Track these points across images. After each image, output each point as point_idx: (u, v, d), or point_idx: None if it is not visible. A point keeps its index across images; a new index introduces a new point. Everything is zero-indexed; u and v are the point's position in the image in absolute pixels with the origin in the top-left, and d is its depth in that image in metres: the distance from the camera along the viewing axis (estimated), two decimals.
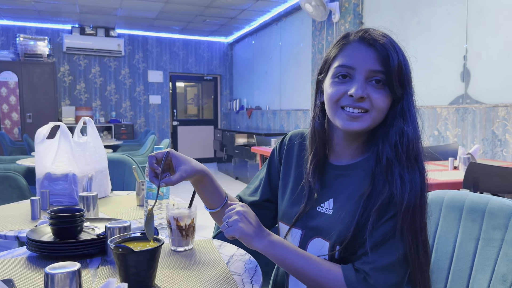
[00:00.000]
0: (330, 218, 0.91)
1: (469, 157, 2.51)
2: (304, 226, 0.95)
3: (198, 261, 1.03)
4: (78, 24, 7.61)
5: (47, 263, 1.01)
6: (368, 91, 0.83)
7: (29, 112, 7.06)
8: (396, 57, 0.82)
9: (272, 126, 7.19)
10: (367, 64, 0.83)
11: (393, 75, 0.82)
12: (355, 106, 0.84)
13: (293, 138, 1.06)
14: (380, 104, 0.84)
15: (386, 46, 0.83)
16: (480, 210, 1.11)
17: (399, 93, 0.84)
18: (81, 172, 1.71)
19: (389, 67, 0.82)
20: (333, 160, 0.96)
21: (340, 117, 0.86)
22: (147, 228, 0.89)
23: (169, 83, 8.82)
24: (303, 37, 6.09)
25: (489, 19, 3.35)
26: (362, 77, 0.84)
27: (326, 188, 0.94)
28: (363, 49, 0.84)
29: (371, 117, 0.85)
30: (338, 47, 0.88)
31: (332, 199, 0.92)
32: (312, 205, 0.95)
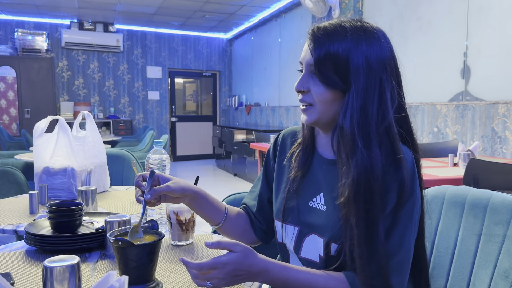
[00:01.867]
0: (324, 215, 0.89)
1: (469, 154, 2.51)
2: (299, 222, 0.93)
3: (198, 256, 1.03)
4: (76, 19, 7.58)
5: (45, 257, 1.00)
6: (309, 85, 0.85)
7: (27, 107, 7.03)
8: (324, 49, 0.81)
9: (271, 123, 7.18)
10: (306, 58, 0.86)
11: (318, 67, 0.81)
12: (300, 100, 0.88)
13: (286, 137, 1.06)
14: (318, 97, 0.84)
15: (317, 39, 0.82)
16: (482, 205, 1.10)
17: (337, 84, 0.81)
18: (79, 166, 1.70)
19: (318, 59, 0.81)
20: (323, 151, 0.95)
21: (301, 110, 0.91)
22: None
23: (168, 79, 8.79)
24: (302, 33, 6.07)
25: (490, 16, 3.34)
26: (306, 71, 0.86)
27: (316, 181, 0.93)
28: (307, 44, 0.86)
29: (316, 110, 0.86)
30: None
31: (322, 194, 0.91)
32: (302, 199, 0.94)
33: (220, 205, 1.03)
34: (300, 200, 0.94)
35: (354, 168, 0.79)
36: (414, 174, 0.84)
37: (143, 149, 4.50)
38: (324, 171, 0.92)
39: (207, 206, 0.99)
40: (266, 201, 1.07)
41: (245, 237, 1.07)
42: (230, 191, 5.47)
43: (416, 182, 0.85)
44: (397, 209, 0.81)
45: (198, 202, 0.98)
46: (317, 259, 0.89)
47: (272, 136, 4.59)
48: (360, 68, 0.80)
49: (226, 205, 1.04)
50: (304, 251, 0.91)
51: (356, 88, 0.80)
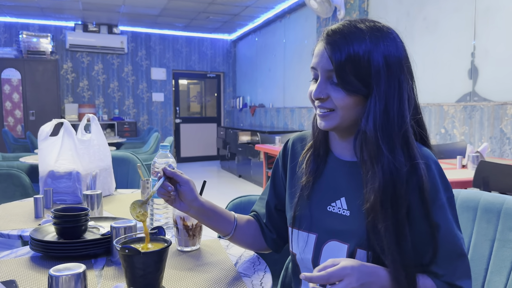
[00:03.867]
0: (348, 220, 0.85)
1: (477, 156, 2.48)
2: (316, 229, 0.89)
3: (206, 261, 1.01)
4: (81, 21, 7.59)
5: (51, 263, 0.99)
6: (328, 91, 0.82)
7: (32, 109, 7.04)
8: (344, 53, 0.77)
9: (275, 124, 7.16)
10: (323, 64, 0.81)
11: (343, 74, 0.78)
12: (319, 107, 0.84)
13: (295, 143, 1.02)
14: (340, 103, 0.81)
15: (335, 43, 0.79)
16: (495, 210, 1.07)
17: (357, 88, 0.79)
18: (85, 170, 1.69)
19: (339, 64, 0.78)
20: (340, 154, 0.91)
21: (318, 116, 0.87)
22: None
23: (172, 81, 8.79)
24: (307, 34, 6.04)
25: (498, 16, 3.30)
26: (323, 77, 0.82)
27: (335, 185, 0.89)
28: (321, 49, 0.82)
29: (338, 116, 0.82)
30: (315, 45, 0.88)
31: (344, 198, 0.87)
32: (318, 205, 0.90)
33: (228, 216, 1.00)
34: (315, 205, 0.90)
35: (379, 173, 0.78)
36: (443, 173, 0.84)
37: (148, 151, 4.50)
38: (345, 174, 0.89)
39: (215, 218, 0.97)
40: (273, 209, 1.04)
41: (255, 246, 1.04)
42: (234, 192, 5.46)
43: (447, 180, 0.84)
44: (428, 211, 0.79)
45: (205, 215, 0.95)
46: None
47: (277, 137, 4.56)
48: (381, 70, 0.78)
49: (235, 215, 1.02)
50: (324, 258, 0.86)
51: (377, 91, 0.78)
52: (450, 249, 0.80)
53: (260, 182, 5.95)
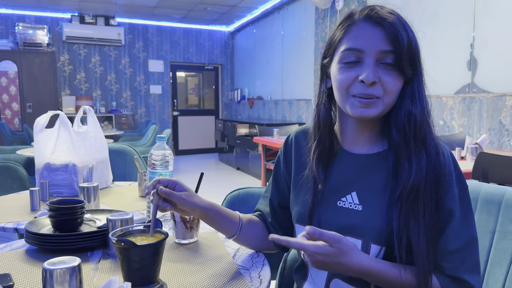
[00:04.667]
0: (361, 215, 0.82)
1: (476, 147, 2.47)
2: (328, 226, 0.84)
3: (203, 254, 1.00)
4: (77, 13, 7.52)
5: (46, 257, 0.98)
6: (379, 74, 0.78)
7: (29, 102, 7.00)
8: (406, 35, 0.77)
9: (274, 116, 7.14)
10: (376, 45, 0.77)
11: (403, 55, 0.77)
12: (366, 95, 0.78)
13: (298, 138, 0.99)
14: (392, 88, 0.78)
15: (394, 24, 0.77)
16: (496, 201, 1.06)
17: (410, 73, 0.79)
18: (81, 162, 1.67)
19: (399, 46, 0.76)
20: (350, 147, 0.89)
21: (352, 105, 0.81)
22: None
23: (170, 73, 8.75)
24: (305, 26, 6.00)
25: (497, 7, 3.28)
26: (372, 59, 0.77)
27: (344, 180, 0.86)
28: (370, 29, 0.78)
29: (383, 103, 0.79)
30: (343, 29, 0.82)
31: (354, 193, 0.84)
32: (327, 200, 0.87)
33: (233, 217, 0.97)
34: (324, 201, 0.87)
35: (423, 157, 0.79)
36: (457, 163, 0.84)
37: (145, 144, 4.48)
38: (356, 168, 0.86)
39: (219, 221, 0.94)
40: (277, 207, 1.02)
41: (262, 246, 1.02)
42: (233, 185, 5.45)
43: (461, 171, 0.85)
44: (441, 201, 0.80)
45: (209, 218, 0.93)
46: None
47: (276, 130, 4.54)
48: (420, 54, 0.82)
49: (240, 215, 0.99)
50: None
51: (420, 76, 0.82)
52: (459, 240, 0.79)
53: (258, 174, 5.94)
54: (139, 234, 0.86)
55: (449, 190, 0.79)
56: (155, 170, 1.18)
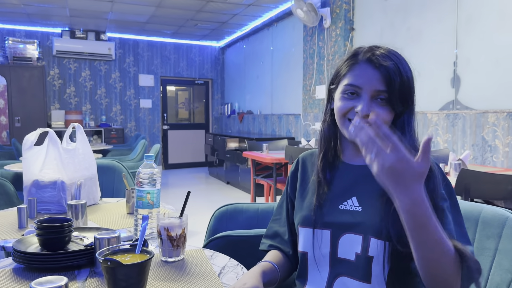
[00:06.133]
0: (360, 214, 0.94)
1: (460, 163, 2.52)
2: (330, 225, 0.96)
3: (189, 272, 1.01)
4: (68, 28, 7.55)
5: (34, 275, 0.99)
6: (373, 108, 0.92)
7: (17, 116, 6.96)
8: (399, 78, 0.91)
9: (263, 131, 7.18)
10: (373, 85, 0.92)
11: (395, 94, 0.91)
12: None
13: (305, 159, 1.13)
14: (384, 118, 0.92)
15: (389, 68, 0.91)
16: (473, 219, 1.10)
17: (400, 109, 0.93)
18: (69, 179, 1.68)
19: (391, 87, 0.90)
20: (350, 160, 1.02)
21: (347, 129, 0.96)
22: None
23: (160, 87, 8.78)
24: (294, 42, 6.10)
25: (478, 26, 3.39)
26: (368, 96, 0.92)
27: (345, 187, 0.99)
28: (369, 71, 0.93)
29: None
30: (348, 66, 0.97)
31: (355, 197, 0.97)
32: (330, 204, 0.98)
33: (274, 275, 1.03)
34: (328, 206, 0.99)
35: None
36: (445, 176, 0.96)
37: (134, 158, 4.47)
38: (355, 177, 0.99)
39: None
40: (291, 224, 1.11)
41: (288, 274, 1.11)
42: (222, 199, 5.45)
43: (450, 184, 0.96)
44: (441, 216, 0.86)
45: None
46: (353, 257, 0.92)
47: (265, 144, 4.58)
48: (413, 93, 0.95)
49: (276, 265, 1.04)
50: (341, 251, 0.94)
51: (410, 109, 0.95)
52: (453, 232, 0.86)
53: (248, 189, 5.95)
54: (126, 253, 0.88)
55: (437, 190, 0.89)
56: (143, 188, 1.20)
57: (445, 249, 0.76)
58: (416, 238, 0.76)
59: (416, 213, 0.74)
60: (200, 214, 4.16)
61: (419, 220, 0.74)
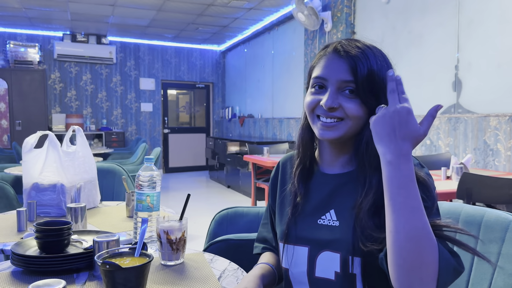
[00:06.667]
0: (337, 230, 0.87)
1: (461, 167, 2.51)
2: (308, 241, 0.90)
3: (189, 276, 1.00)
4: (69, 31, 7.57)
5: (32, 278, 0.98)
6: (340, 101, 0.85)
7: (18, 119, 6.97)
8: (366, 67, 0.84)
9: (264, 134, 7.18)
10: (338, 75, 0.85)
11: (363, 85, 0.83)
12: (327, 116, 0.87)
13: (285, 164, 1.07)
14: (352, 112, 0.85)
15: (355, 56, 0.84)
16: (476, 222, 1.09)
17: (372, 103, 0.84)
18: (69, 182, 1.68)
19: (357, 77, 0.83)
20: (326, 169, 0.96)
21: (316, 126, 0.90)
22: None
23: (161, 91, 8.78)
24: (295, 46, 6.11)
25: (480, 30, 3.38)
26: (334, 87, 0.86)
27: (322, 199, 0.92)
28: (335, 61, 0.86)
29: (346, 125, 0.86)
30: (317, 59, 0.91)
31: (333, 210, 0.90)
32: (309, 219, 0.92)
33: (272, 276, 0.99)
34: (306, 220, 0.93)
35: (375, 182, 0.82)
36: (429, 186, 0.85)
37: (135, 162, 4.47)
38: (333, 187, 0.92)
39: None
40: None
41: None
42: (223, 203, 5.44)
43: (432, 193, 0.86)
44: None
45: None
46: (333, 276, 0.85)
47: (266, 148, 4.57)
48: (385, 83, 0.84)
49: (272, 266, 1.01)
50: (319, 270, 0.88)
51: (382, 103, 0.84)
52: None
53: (248, 192, 5.94)
54: (125, 256, 0.87)
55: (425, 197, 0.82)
56: (142, 191, 1.20)
57: (423, 223, 0.71)
58: (394, 201, 0.72)
59: (400, 167, 0.73)
60: (200, 217, 4.15)
61: (401, 177, 0.72)
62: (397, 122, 0.74)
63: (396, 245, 0.71)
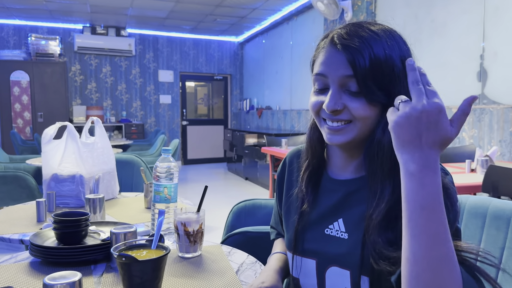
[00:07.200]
0: (345, 244, 0.78)
1: (487, 160, 2.43)
2: (316, 254, 0.82)
3: (206, 269, 0.99)
4: (89, 24, 7.64)
5: (50, 269, 0.98)
6: (344, 101, 0.73)
7: (40, 111, 7.09)
8: (367, 58, 0.70)
9: (282, 126, 7.13)
10: (338, 70, 0.73)
11: (367, 79, 0.70)
12: (333, 119, 0.76)
13: (291, 159, 0.97)
14: (360, 114, 0.73)
15: (356, 46, 0.71)
16: (505, 217, 1.04)
17: (382, 99, 0.71)
18: (88, 173, 1.68)
19: (357, 70, 0.70)
20: (336, 174, 0.85)
21: (323, 130, 0.79)
22: None
23: (179, 83, 8.81)
24: (314, 36, 6.01)
25: (507, 17, 3.25)
26: (336, 86, 0.74)
27: (331, 206, 0.83)
28: (333, 54, 0.74)
29: (355, 128, 0.75)
30: (318, 52, 0.79)
31: (341, 219, 0.80)
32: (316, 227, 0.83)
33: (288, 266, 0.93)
34: (313, 229, 0.84)
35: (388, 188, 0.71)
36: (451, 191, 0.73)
37: (154, 153, 4.50)
38: (342, 194, 0.82)
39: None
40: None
41: None
42: (241, 195, 5.43)
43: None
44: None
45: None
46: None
47: (284, 140, 4.54)
48: (400, 75, 0.71)
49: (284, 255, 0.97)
50: (329, 284, 0.80)
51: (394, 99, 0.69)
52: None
53: (266, 184, 5.92)
54: (142, 248, 0.85)
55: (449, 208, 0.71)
56: (160, 182, 1.18)
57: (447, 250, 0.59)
58: (414, 224, 0.60)
59: (424, 182, 0.60)
60: (218, 209, 4.15)
61: (425, 194, 0.60)
62: (424, 125, 0.60)
63: (413, 275, 0.60)
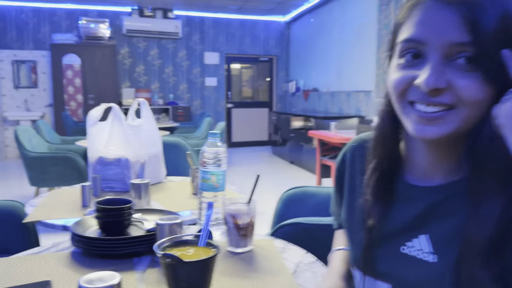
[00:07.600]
0: (435, 269, 0.59)
1: None
2: (390, 278, 0.64)
3: (258, 267, 0.88)
4: (137, 6, 7.69)
5: (91, 261, 0.91)
6: (449, 77, 0.53)
7: (91, 94, 7.28)
8: (493, 17, 0.51)
9: (329, 109, 6.90)
10: (446, 35, 0.53)
11: (488, 49, 0.51)
12: (429, 102, 0.55)
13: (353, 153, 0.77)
14: (469, 96, 0.53)
15: (475, 2, 0.51)
16: None
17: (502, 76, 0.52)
18: (134, 156, 1.62)
19: (481, 35, 0.51)
20: (416, 179, 0.65)
21: (410, 119, 0.58)
22: None
23: (225, 65, 8.74)
24: (366, 12, 5.69)
25: None
26: (438, 55, 0.54)
27: (412, 221, 0.63)
28: (439, 12, 0.53)
29: (458, 117, 0.55)
30: (407, 10, 0.59)
31: (428, 235, 0.61)
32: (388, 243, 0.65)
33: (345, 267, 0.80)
34: (385, 245, 0.66)
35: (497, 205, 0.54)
36: None
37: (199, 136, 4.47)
38: (426, 204, 0.62)
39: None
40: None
41: None
42: (286, 179, 5.32)
43: None
44: None
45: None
46: None
47: (333, 123, 4.35)
48: None
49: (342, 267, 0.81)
50: None
51: None
52: None
53: (312, 169, 5.76)
54: (189, 245, 0.76)
55: None
56: (207, 169, 1.08)
57: None
58: None
59: None
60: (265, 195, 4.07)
61: None
62: None
63: None
